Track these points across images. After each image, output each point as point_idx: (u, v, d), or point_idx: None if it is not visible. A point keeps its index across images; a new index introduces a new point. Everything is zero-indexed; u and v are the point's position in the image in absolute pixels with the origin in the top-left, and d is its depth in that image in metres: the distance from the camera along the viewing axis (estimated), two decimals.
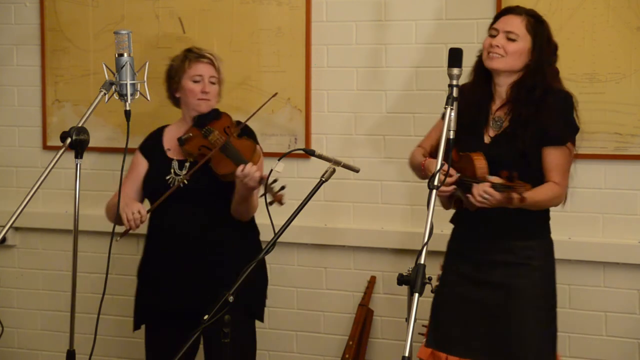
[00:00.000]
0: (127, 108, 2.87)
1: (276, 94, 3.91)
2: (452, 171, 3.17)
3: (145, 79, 2.92)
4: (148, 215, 3.60)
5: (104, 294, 2.99)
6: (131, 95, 2.86)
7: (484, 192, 3.08)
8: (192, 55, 3.69)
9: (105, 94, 2.88)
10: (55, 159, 2.75)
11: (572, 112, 3.26)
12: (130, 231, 3.56)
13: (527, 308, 3.24)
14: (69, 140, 2.75)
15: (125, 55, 2.87)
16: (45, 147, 4.75)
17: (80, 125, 2.79)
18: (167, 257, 3.62)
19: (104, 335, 4.17)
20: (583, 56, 3.88)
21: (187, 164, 3.62)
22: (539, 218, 3.32)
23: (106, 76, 2.91)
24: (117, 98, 2.89)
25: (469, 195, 3.14)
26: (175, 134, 3.71)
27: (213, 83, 3.67)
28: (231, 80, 4.40)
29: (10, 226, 2.70)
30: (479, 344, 3.27)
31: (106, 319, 3.88)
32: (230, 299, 2.81)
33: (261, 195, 3.36)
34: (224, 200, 3.61)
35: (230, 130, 3.63)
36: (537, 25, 3.26)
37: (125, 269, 4.59)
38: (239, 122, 3.71)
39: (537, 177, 3.20)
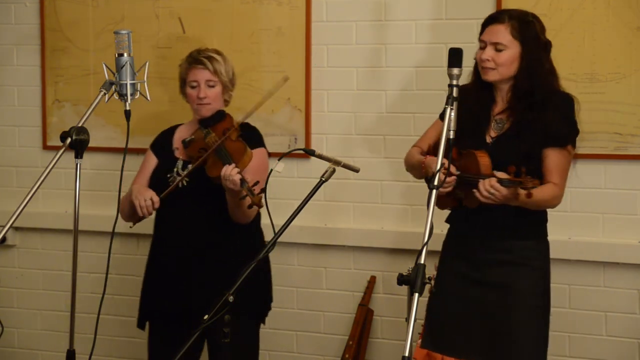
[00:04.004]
0: (127, 108, 2.87)
1: (287, 78, 3.80)
2: (452, 169, 3.14)
3: (145, 79, 2.92)
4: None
5: (104, 294, 2.99)
6: (131, 95, 2.87)
7: (490, 187, 3.06)
8: (190, 60, 3.68)
9: (105, 94, 2.88)
10: (55, 159, 2.75)
11: (574, 114, 3.25)
12: (144, 218, 3.62)
13: (527, 308, 3.23)
14: (69, 140, 2.76)
15: (125, 55, 2.87)
16: (45, 147, 4.74)
17: (80, 125, 2.79)
18: (169, 258, 3.63)
19: (104, 335, 4.15)
20: (583, 56, 3.87)
21: (190, 166, 3.62)
22: (538, 219, 3.30)
23: (106, 76, 2.91)
24: (117, 98, 2.90)
25: (474, 191, 3.10)
26: (185, 134, 3.73)
27: (212, 86, 3.65)
28: None
29: (10, 226, 2.70)
30: (476, 345, 3.26)
31: (106, 319, 3.87)
32: (230, 298, 2.81)
33: (241, 199, 3.37)
34: (222, 202, 3.60)
35: (229, 132, 3.63)
36: (523, 28, 3.20)
37: (125, 269, 4.59)
38: (243, 124, 3.69)
39: (538, 178, 3.18)
